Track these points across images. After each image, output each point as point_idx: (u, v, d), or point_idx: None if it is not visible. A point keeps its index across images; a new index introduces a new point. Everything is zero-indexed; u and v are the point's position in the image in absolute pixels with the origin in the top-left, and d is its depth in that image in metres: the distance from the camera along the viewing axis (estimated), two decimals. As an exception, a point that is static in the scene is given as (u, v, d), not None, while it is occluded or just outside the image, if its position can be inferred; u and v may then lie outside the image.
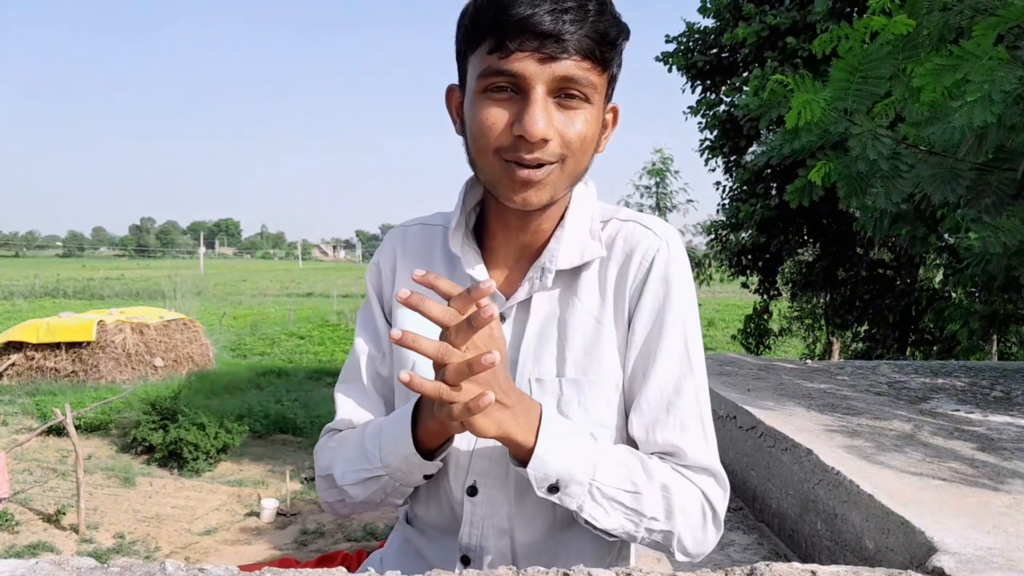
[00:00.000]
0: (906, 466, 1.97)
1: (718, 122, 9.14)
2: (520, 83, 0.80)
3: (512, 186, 0.84)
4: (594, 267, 0.93)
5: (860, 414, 2.64)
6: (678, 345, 0.90)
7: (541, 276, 0.92)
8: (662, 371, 0.89)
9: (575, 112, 0.83)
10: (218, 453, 9.62)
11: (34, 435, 8.83)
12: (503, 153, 0.83)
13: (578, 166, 0.86)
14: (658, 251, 0.92)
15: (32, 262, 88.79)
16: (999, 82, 2.15)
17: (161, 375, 13.83)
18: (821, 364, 4.02)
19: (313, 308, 28.03)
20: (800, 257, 10.37)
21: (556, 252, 0.91)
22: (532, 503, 0.90)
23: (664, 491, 0.84)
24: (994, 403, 2.95)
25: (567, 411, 0.90)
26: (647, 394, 0.89)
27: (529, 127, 0.79)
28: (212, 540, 7.51)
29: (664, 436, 0.88)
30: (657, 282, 0.91)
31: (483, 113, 0.83)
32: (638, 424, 0.89)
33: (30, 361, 13.32)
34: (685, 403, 0.89)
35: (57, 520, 7.61)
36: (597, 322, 0.92)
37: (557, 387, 0.91)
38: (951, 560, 1.34)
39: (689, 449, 0.88)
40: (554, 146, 0.82)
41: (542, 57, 0.79)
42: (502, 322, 0.93)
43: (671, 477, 0.86)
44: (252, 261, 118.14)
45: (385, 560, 1.05)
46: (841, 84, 2.66)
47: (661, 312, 0.90)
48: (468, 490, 0.92)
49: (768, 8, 8.49)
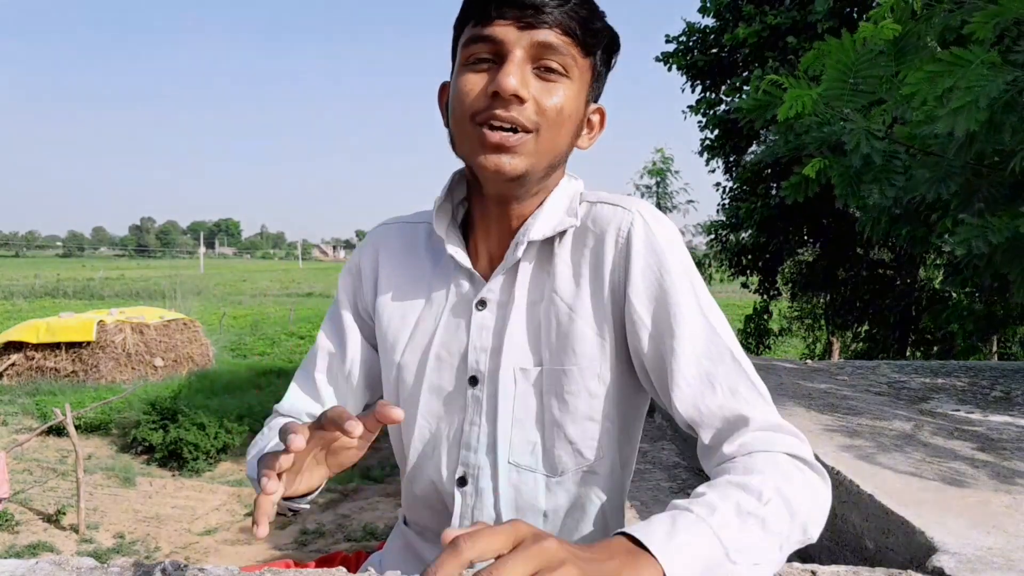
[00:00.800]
0: (906, 466, 1.97)
1: (718, 121, 9.13)
2: (499, 49, 0.81)
3: (484, 150, 0.82)
4: (566, 251, 0.91)
5: (860, 414, 2.64)
6: (692, 311, 0.85)
7: (514, 249, 0.90)
8: (687, 342, 0.83)
9: (553, 84, 0.83)
10: (218, 453, 9.61)
11: (34, 435, 8.82)
12: (477, 116, 0.82)
13: (554, 140, 0.85)
14: (632, 224, 0.88)
15: (32, 262, 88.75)
16: (987, 88, 2.16)
17: (161, 375, 13.81)
18: (821, 364, 4.02)
19: (313, 308, 27.99)
20: (800, 257, 10.36)
21: (531, 225, 0.89)
22: (526, 491, 0.91)
23: (778, 494, 0.71)
24: (994, 403, 2.95)
25: (549, 403, 0.89)
26: (681, 370, 0.83)
27: (502, 80, 0.79)
28: (212, 540, 7.50)
29: (718, 405, 0.81)
30: (644, 254, 0.87)
31: (462, 81, 0.83)
32: (683, 403, 0.83)
33: (30, 361, 13.30)
34: (724, 366, 0.82)
35: (57, 520, 7.60)
36: (570, 310, 0.89)
37: (540, 377, 0.89)
38: (951, 560, 1.34)
39: (750, 412, 0.80)
40: (529, 111, 0.81)
41: (522, 25, 0.80)
42: (482, 308, 0.92)
43: (768, 472, 0.73)
44: (252, 261, 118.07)
45: (384, 561, 1.05)
46: (835, 82, 2.68)
47: (661, 282, 0.86)
48: (458, 480, 0.93)
49: (768, 8, 8.48)
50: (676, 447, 3.18)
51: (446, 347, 0.94)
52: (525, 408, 0.90)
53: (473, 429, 0.92)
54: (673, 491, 2.73)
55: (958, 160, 2.67)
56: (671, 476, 2.88)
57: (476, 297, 0.93)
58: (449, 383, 0.93)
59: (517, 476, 0.91)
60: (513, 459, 0.90)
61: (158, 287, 32.98)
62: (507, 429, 0.90)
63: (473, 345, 0.92)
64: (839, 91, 2.70)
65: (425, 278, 0.97)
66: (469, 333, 0.92)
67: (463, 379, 0.93)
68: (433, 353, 0.94)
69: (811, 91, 2.65)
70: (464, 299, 0.94)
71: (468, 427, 0.92)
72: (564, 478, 0.91)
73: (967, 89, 2.19)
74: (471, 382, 0.92)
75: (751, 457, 0.76)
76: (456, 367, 0.93)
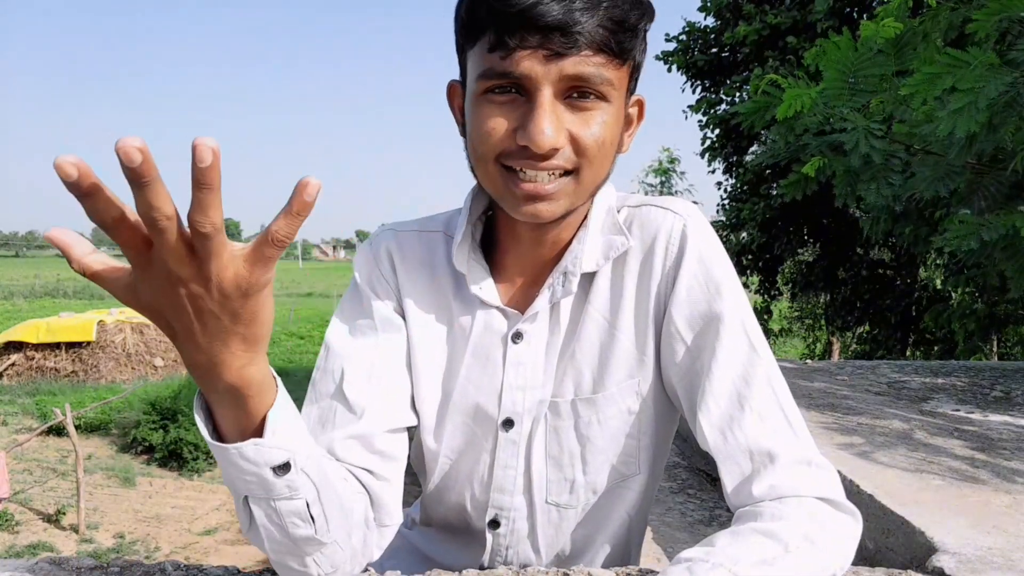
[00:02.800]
0: (906, 466, 1.97)
1: (719, 121, 9.13)
2: (524, 84, 0.69)
3: (517, 200, 0.73)
4: (608, 263, 0.83)
5: (860, 414, 2.64)
6: (737, 330, 0.78)
7: (564, 281, 0.81)
8: (725, 362, 0.77)
9: (589, 113, 0.71)
10: (218, 453, 9.61)
11: (34, 435, 8.82)
12: (505, 159, 0.72)
13: (597, 175, 0.75)
14: (685, 231, 0.80)
15: (32, 262, 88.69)
16: (986, 89, 2.16)
17: (161, 375, 13.81)
18: (821, 364, 4.02)
19: (313, 308, 27.98)
20: (800, 257, 10.35)
21: (580, 253, 0.80)
22: (565, 526, 0.88)
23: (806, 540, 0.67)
24: (994, 403, 2.95)
25: (587, 432, 0.83)
26: (713, 390, 0.76)
27: (535, 137, 0.68)
28: (212, 540, 7.50)
29: (744, 435, 0.74)
30: (693, 265, 0.79)
31: (483, 118, 0.72)
32: (710, 427, 0.76)
33: (30, 361, 13.30)
34: (759, 392, 0.76)
35: (57, 520, 7.60)
36: (611, 326, 0.82)
37: (571, 410, 0.83)
38: (951, 560, 1.34)
39: (777, 446, 0.73)
40: (567, 153, 0.71)
41: (547, 54, 0.67)
42: (517, 342, 0.83)
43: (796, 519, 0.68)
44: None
45: (385, 563, 1.05)
46: (834, 81, 2.69)
47: (708, 297, 0.79)
48: (490, 523, 0.88)
49: (768, 7, 8.48)
50: (676, 447, 3.18)
51: (474, 383, 0.85)
52: (560, 444, 0.84)
53: (508, 473, 0.85)
54: (673, 491, 2.72)
55: (959, 160, 2.68)
56: (671, 476, 2.88)
57: (511, 329, 0.83)
58: (480, 422, 0.86)
59: (557, 514, 0.87)
60: (551, 499, 0.86)
61: (158, 287, 32.87)
62: (542, 469, 0.85)
63: (509, 384, 0.83)
64: (838, 90, 2.71)
65: (446, 300, 0.86)
66: (505, 370, 0.84)
67: (493, 419, 0.85)
68: (459, 389, 0.85)
69: (810, 90, 2.65)
70: (494, 331, 0.84)
71: (501, 471, 0.85)
72: (600, 497, 0.88)
73: (967, 91, 2.20)
74: (505, 425, 0.84)
75: (781, 504, 0.70)
76: (487, 406, 0.85)
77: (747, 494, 0.73)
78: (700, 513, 2.52)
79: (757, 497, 0.72)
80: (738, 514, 0.74)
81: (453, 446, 0.87)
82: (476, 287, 0.83)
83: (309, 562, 0.69)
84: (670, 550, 2.17)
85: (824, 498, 0.72)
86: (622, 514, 0.90)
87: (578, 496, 0.86)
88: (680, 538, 2.28)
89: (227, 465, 0.61)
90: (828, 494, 0.72)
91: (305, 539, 0.66)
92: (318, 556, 0.69)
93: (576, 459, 0.85)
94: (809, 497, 0.71)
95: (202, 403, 0.61)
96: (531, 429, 0.84)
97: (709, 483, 2.77)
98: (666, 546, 2.21)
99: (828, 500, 0.72)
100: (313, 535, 0.66)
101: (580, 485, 0.86)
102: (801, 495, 0.71)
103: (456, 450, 0.87)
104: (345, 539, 0.70)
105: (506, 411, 0.84)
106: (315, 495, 0.65)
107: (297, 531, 0.65)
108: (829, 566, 0.67)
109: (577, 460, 0.85)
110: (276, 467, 0.61)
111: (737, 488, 0.75)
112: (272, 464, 0.61)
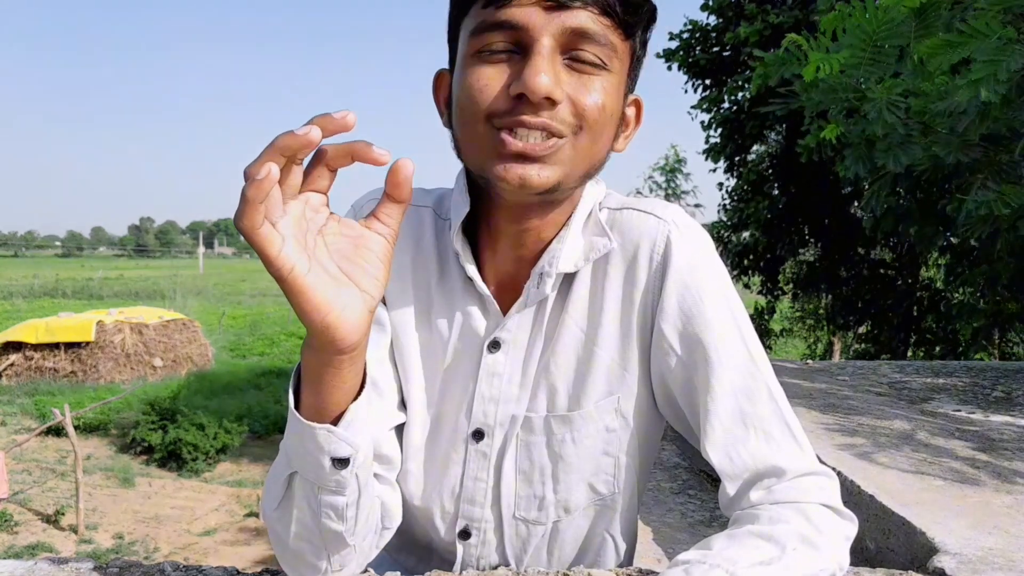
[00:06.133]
0: (907, 466, 1.96)
1: (722, 120, 9.12)
2: (521, 36, 0.64)
3: (504, 160, 0.65)
4: (587, 271, 0.78)
5: (861, 414, 2.63)
6: (734, 341, 0.74)
7: (539, 283, 0.75)
8: (724, 378, 0.73)
9: (590, 78, 0.66)
10: (217, 453, 9.60)
11: (33, 435, 8.82)
12: (496, 119, 0.65)
13: (593, 145, 0.68)
14: (669, 237, 0.75)
15: (31, 262, 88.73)
16: (1007, 61, 2.15)
17: (160, 375, 13.80)
18: (822, 364, 4.01)
19: (313, 308, 27.91)
20: (801, 257, 10.35)
21: (558, 252, 0.74)
22: (534, 540, 0.85)
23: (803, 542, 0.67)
24: (995, 403, 2.94)
25: (560, 450, 0.80)
26: (716, 410, 0.73)
27: (531, 80, 0.62)
28: (211, 541, 7.49)
29: (750, 454, 0.72)
30: (681, 274, 0.75)
31: (474, 76, 0.66)
32: (714, 450, 0.73)
33: (29, 361, 13.29)
34: (761, 407, 0.73)
35: (56, 520, 7.59)
36: (588, 340, 0.77)
37: (545, 426, 0.79)
38: (952, 561, 1.33)
39: (783, 462, 0.72)
40: (564, 113, 0.65)
41: (549, 5, 0.63)
42: (494, 351, 0.79)
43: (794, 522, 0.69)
44: (252, 261, 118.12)
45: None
46: (856, 48, 2.68)
47: (699, 307, 0.74)
48: (460, 534, 0.85)
49: (770, 7, 8.48)
50: (677, 447, 3.17)
51: (447, 390, 0.81)
52: (531, 460, 0.81)
53: (478, 485, 0.82)
54: (674, 491, 2.72)
55: (972, 134, 2.70)
56: (672, 476, 2.87)
57: (488, 336, 0.79)
58: (449, 430, 0.82)
59: (525, 529, 0.84)
60: (519, 514, 0.83)
61: (157, 287, 32.99)
62: (511, 483, 0.82)
63: (481, 394, 0.80)
64: (859, 60, 2.69)
65: (427, 289, 0.81)
66: (477, 380, 0.80)
67: (464, 430, 0.81)
68: (431, 393, 0.82)
69: (835, 56, 2.65)
70: (472, 333, 0.79)
71: (471, 482, 0.82)
72: (574, 515, 0.84)
73: (987, 62, 2.19)
74: (475, 436, 0.81)
75: (778, 507, 0.70)
76: (458, 416, 0.81)
77: (746, 499, 0.73)
78: (701, 514, 2.51)
79: (755, 502, 0.72)
80: (735, 517, 0.74)
81: (424, 454, 0.83)
82: (472, 271, 0.76)
83: (324, 556, 0.70)
84: (670, 551, 2.16)
85: (821, 503, 0.72)
86: (601, 533, 0.87)
87: (547, 513, 0.83)
88: (680, 539, 2.27)
89: (294, 439, 0.63)
90: (826, 500, 0.72)
91: (333, 534, 0.67)
92: (335, 556, 0.70)
93: (547, 476, 0.81)
94: (806, 502, 0.71)
95: (296, 380, 0.63)
96: (503, 443, 0.81)
97: (710, 483, 2.76)
98: (666, 547, 2.21)
99: (827, 506, 0.72)
100: (341, 533, 0.67)
101: (550, 503, 0.82)
102: (799, 501, 0.71)
103: (427, 458, 0.83)
104: (362, 543, 0.72)
105: (476, 422, 0.80)
106: (356, 498, 0.66)
107: (329, 524, 0.66)
108: (826, 568, 0.67)
109: (548, 477, 0.81)
110: (336, 459, 0.62)
111: (735, 496, 0.74)
112: (334, 455, 0.62)
